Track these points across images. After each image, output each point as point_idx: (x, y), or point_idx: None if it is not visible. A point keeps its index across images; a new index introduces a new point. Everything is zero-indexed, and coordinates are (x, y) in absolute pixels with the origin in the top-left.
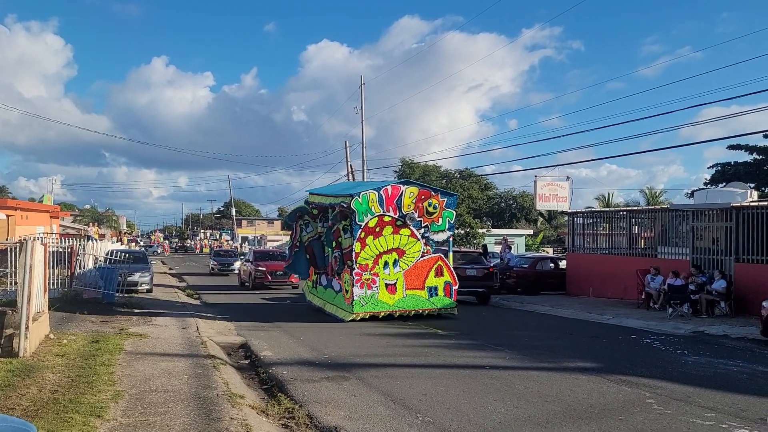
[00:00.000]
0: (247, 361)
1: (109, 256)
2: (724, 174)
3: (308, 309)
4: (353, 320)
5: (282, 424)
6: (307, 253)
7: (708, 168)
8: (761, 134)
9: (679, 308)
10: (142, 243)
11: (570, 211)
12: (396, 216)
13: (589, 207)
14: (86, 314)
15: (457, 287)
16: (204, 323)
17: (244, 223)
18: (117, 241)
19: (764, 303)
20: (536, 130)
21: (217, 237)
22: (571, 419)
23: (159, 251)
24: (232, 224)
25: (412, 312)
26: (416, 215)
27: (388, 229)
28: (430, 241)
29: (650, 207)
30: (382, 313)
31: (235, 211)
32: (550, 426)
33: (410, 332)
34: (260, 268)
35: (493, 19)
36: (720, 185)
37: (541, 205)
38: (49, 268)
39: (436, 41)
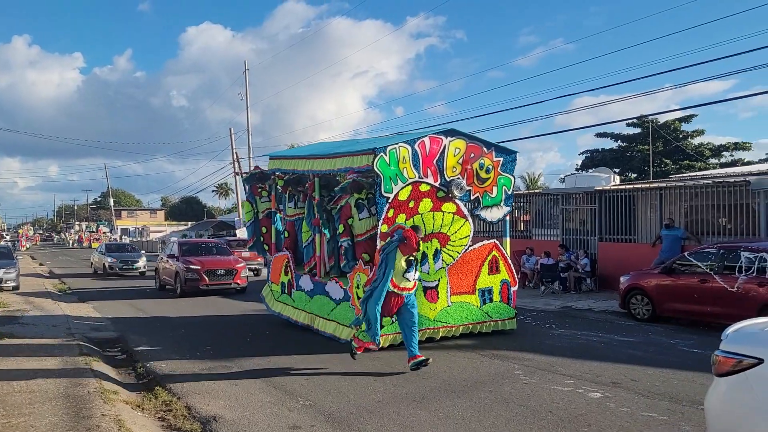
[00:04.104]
0: (123, 356)
1: None
2: (593, 160)
3: (278, 324)
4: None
5: (158, 417)
6: (263, 226)
7: (579, 154)
8: (624, 122)
9: (550, 286)
10: (8, 237)
11: None
12: (437, 184)
13: None
14: None
15: (516, 288)
16: (77, 321)
17: (123, 213)
18: None
19: (622, 278)
20: (422, 117)
21: (94, 229)
22: (445, 393)
23: (21, 247)
24: (110, 215)
25: (460, 329)
26: (464, 183)
27: (426, 204)
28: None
29: (526, 192)
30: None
31: (114, 201)
32: (426, 401)
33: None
34: (192, 267)
35: (378, 5)
36: (589, 170)
37: None
38: None
39: (322, 26)
